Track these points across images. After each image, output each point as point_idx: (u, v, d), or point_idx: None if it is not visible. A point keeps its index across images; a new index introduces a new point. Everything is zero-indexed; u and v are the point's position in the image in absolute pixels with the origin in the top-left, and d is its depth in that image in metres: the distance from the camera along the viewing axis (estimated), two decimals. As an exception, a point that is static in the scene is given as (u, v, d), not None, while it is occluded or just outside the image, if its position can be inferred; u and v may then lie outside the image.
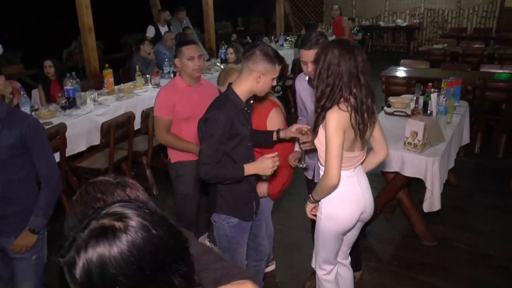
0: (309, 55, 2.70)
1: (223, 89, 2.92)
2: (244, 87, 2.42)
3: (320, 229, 2.56)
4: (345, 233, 2.58)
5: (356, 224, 2.56)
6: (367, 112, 2.26)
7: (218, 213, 2.61)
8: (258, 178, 2.73)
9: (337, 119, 2.22)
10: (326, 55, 2.22)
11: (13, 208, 2.38)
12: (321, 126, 2.31)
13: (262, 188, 2.90)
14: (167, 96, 3.25)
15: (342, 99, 2.23)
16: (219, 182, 2.47)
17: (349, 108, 2.22)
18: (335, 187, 2.33)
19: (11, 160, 2.30)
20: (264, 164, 2.43)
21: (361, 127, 2.26)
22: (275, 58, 2.40)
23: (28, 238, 2.39)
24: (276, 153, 2.47)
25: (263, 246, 3.01)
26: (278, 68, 2.42)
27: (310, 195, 2.54)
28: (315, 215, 2.57)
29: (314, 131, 2.35)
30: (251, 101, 2.57)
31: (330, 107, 2.24)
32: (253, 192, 2.67)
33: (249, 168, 2.43)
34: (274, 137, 2.72)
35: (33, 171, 2.42)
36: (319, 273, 2.72)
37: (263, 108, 2.92)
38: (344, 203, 2.45)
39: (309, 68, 2.73)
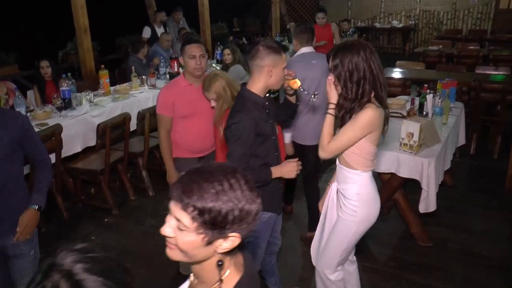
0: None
1: (210, 95, 3.02)
2: (258, 85, 2.46)
3: (352, 233, 2.55)
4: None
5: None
6: (386, 109, 2.35)
7: None
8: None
9: (372, 116, 2.27)
10: (339, 62, 2.27)
11: (10, 205, 2.41)
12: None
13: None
14: (166, 95, 3.31)
15: (372, 98, 2.29)
16: None
17: (380, 107, 2.30)
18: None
19: (6, 158, 2.33)
20: (288, 167, 2.54)
21: (386, 123, 2.38)
22: (279, 48, 2.44)
23: (34, 216, 2.45)
24: (297, 159, 2.58)
25: (278, 240, 3.02)
26: (284, 56, 2.47)
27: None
28: None
29: (342, 120, 2.41)
30: (270, 95, 2.65)
31: (359, 109, 2.28)
32: (280, 184, 2.74)
33: (276, 171, 2.51)
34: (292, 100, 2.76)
35: (22, 167, 2.52)
36: (332, 276, 2.70)
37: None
38: (375, 202, 2.54)
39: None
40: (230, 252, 1.22)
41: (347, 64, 2.24)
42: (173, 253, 1.22)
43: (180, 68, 6.51)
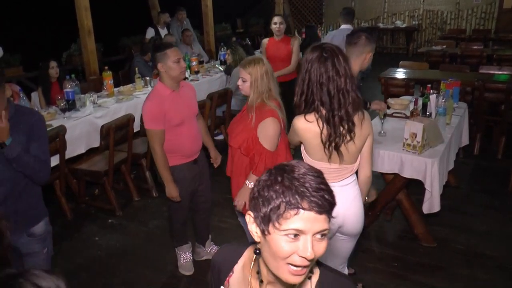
0: None
1: (243, 73, 2.86)
2: (355, 67, 2.70)
3: None
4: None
5: (333, 236, 2.48)
6: (341, 123, 2.18)
7: None
8: None
9: (297, 126, 2.28)
10: (302, 62, 2.24)
11: (22, 204, 2.43)
12: None
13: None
14: (154, 108, 3.13)
15: (313, 112, 2.21)
16: None
17: (319, 121, 2.19)
18: None
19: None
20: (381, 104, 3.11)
21: (333, 140, 2.21)
22: (375, 36, 2.84)
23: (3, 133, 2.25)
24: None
25: None
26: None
27: None
28: None
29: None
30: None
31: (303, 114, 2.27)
32: None
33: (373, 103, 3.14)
34: None
35: None
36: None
37: (261, 113, 2.84)
38: None
39: None
40: None
41: (305, 65, 2.22)
42: (302, 277, 1.12)
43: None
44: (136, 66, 6.14)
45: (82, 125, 4.64)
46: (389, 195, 3.87)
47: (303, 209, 1.04)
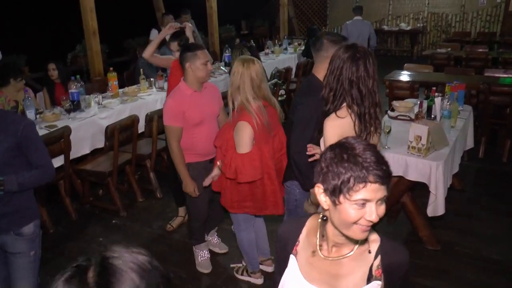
0: None
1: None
2: (322, 73, 2.58)
3: None
4: None
5: None
6: (370, 121, 2.27)
7: (292, 180, 2.88)
8: None
9: (334, 127, 2.24)
10: (334, 59, 2.26)
11: (11, 207, 2.42)
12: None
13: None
14: (175, 105, 3.24)
15: (344, 104, 2.24)
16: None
17: (352, 115, 2.23)
18: None
19: (8, 162, 2.33)
20: None
21: (364, 135, 2.26)
22: (342, 39, 2.71)
23: None
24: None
25: None
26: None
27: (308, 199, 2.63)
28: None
29: (320, 133, 2.39)
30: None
31: (332, 112, 2.26)
32: None
33: None
34: None
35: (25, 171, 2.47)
36: None
37: (238, 116, 2.93)
38: None
39: None
40: None
41: (335, 62, 2.25)
42: (368, 232, 1.35)
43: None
44: (141, 67, 6.15)
45: (87, 126, 4.65)
46: (393, 198, 3.86)
47: (370, 182, 1.24)
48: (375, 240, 1.45)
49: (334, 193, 1.28)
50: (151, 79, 5.96)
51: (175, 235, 4.25)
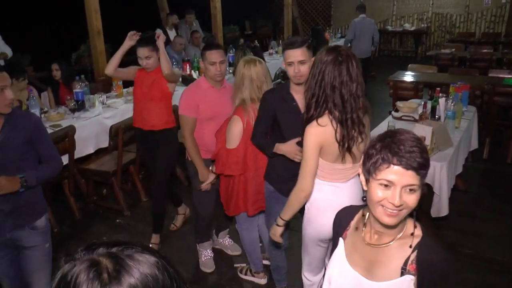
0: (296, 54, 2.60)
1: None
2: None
3: (303, 233, 2.59)
4: (326, 241, 2.49)
5: None
6: (353, 126, 2.21)
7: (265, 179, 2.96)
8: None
9: (314, 135, 2.21)
10: (315, 62, 2.22)
11: (24, 201, 2.49)
12: None
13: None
14: (191, 96, 3.33)
15: (326, 112, 2.20)
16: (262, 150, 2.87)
17: (333, 122, 2.19)
18: (307, 198, 2.37)
19: (21, 157, 2.44)
20: (290, 148, 2.65)
21: (346, 141, 2.21)
22: (312, 44, 2.72)
23: (13, 180, 2.35)
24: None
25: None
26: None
27: (279, 217, 2.47)
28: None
29: (301, 145, 2.37)
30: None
31: (314, 119, 2.21)
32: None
33: (279, 147, 2.71)
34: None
35: (37, 166, 2.55)
36: (303, 279, 2.74)
37: (233, 113, 3.04)
38: (326, 210, 2.30)
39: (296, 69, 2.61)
40: None
41: (317, 66, 2.19)
42: (395, 219, 1.41)
43: (193, 71, 6.55)
44: (145, 67, 6.16)
45: (91, 125, 4.67)
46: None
47: (393, 164, 1.34)
48: (417, 236, 1.48)
49: (368, 172, 1.42)
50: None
51: (179, 234, 4.26)
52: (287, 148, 2.66)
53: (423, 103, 4.44)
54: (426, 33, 13.14)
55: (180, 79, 6.17)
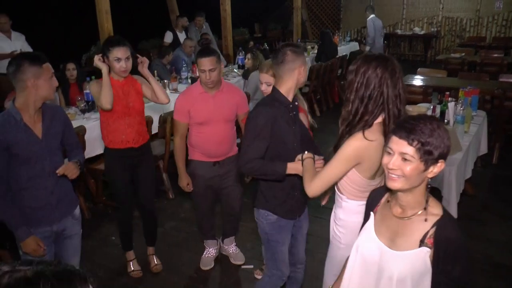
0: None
1: (265, 77, 3.07)
2: (288, 84, 2.50)
3: (337, 260, 2.35)
4: None
5: None
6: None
7: (257, 208, 2.72)
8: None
9: (356, 148, 2.07)
10: (362, 70, 2.07)
11: (64, 191, 2.69)
12: None
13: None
14: (182, 102, 3.38)
15: (375, 125, 2.08)
16: (259, 177, 2.59)
17: (381, 137, 2.06)
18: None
19: (58, 146, 2.65)
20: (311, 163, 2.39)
21: None
22: (302, 49, 2.59)
23: (73, 165, 2.59)
24: (322, 157, 2.47)
25: (298, 268, 3.02)
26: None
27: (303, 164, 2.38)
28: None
29: (335, 151, 2.19)
30: (296, 103, 2.63)
31: (359, 129, 2.08)
32: (295, 191, 2.65)
33: (292, 167, 2.44)
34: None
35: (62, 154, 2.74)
36: None
37: None
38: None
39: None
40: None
41: (359, 74, 2.06)
42: (395, 183, 1.62)
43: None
44: (155, 69, 6.21)
45: (101, 126, 4.69)
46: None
47: (394, 135, 1.60)
48: (437, 214, 1.66)
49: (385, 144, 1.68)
50: (165, 81, 6.01)
51: (186, 235, 4.28)
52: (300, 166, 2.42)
53: (432, 107, 4.43)
54: (435, 37, 13.08)
55: (190, 81, 6.21)
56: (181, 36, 8.10)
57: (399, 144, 1.58)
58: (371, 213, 1.87)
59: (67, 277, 0.88)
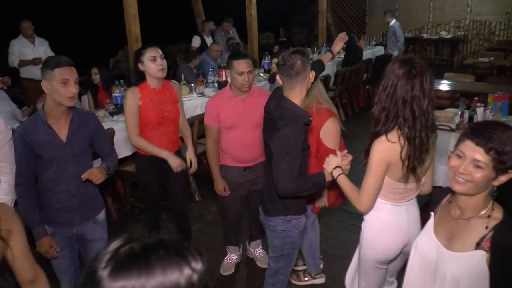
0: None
1: None
2: (302, 95, 2.45)
3: (361, 255, 2.47)
4: (386, 263, 2.43)
5: (398, 255, 2.41)
6: (421, 146, 2.09)
7: (282, 215, 2.60)
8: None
9: (383, 151, 2.12)
10: (387, 74, 2.11)
11: (87, 195, 2.72)
12: None
13: (323, 199, 3.06)
14: (212, 105, 3.38)
15: (396, 127, 2.10)
16: (301, 194, 2.47)
17: (400, 139, 2.09)
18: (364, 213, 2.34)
19: (85, 151, 2.68)
20: (334, 161, 2.40)
21: (411, 161, 2.10)
22: (307, 51, 2.64)
23: (100, 170, 2.61)
24: (346, 151, 2.49)
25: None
26: None
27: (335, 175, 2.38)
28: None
29: (366, 157, 2.23)
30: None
31: (383, 134, 2.13)
32: None
33: (326, 173, 2.44)
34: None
35: (91, 162, 2.79)
36: None
37: (319, 115, 2.92)
38: (386, 233, 2.33)
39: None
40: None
41: (391, 78, 2.09)
42: (461, 187, 1.64)
43: (228, 78, 6.63)
44: (182, 73, 6.29)
45: (129, 128, 4.77)
46: (432, 208, 3.81)
47: (467, 139, 1.60)
48: (497, 218, 1.66)
49: (455, 145, 1.69)
50: (192, 85, 6.08)
51: (212, 238, 4.31)
52: (338, 161, 2.40)
53: (460, 112, 4.38)
54: (463, 41, 12.85)
55: (216, 85, 6.28)
56: (208, 41, 8.18)
57: (474, 151, 1.57)
58: (432, 213, 1.91)
59: (181, 249, 0.96)
